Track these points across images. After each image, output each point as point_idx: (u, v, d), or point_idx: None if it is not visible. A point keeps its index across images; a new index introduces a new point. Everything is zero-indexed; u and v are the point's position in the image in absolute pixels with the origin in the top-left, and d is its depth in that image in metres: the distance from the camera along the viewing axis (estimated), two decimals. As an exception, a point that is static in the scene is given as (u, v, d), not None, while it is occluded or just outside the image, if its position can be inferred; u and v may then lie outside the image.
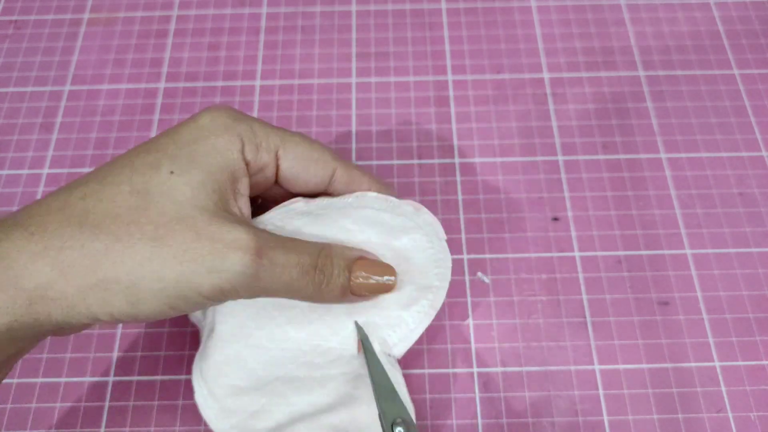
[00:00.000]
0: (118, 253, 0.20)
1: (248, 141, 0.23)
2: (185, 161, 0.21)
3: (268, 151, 0.23)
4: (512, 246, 0.33)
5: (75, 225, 0.20)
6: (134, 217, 0.20)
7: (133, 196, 0.21)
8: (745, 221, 0.34)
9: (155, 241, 0.20)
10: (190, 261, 0.20)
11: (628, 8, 0.41)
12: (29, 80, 0.39)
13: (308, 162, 0.24)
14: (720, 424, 0.29)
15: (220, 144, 0.22)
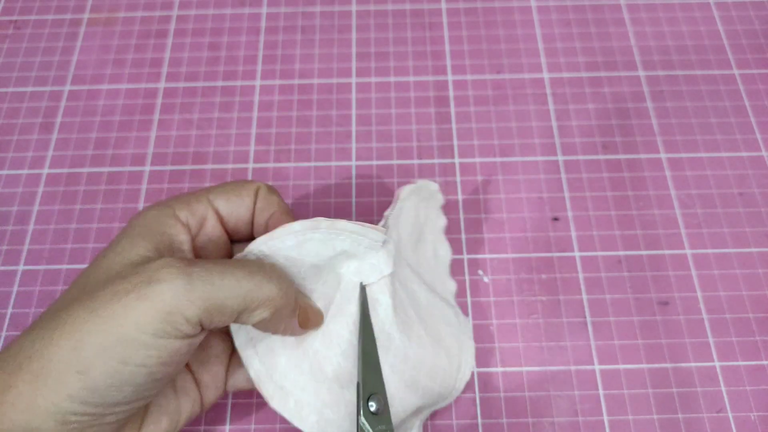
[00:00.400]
0: (58, 331, 0.19)
1: (178, 204, 0.24)
2: (114, 243, 0.22)
3: (199, 202, 0.24)
4: (512, 246, 0.33)
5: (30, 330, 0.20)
6: (74, 295, 0.21)
7: (79, 278, 0.22)
8: (745, 221, 0.34)
9: (89, 304, 0.20)
10: (117, 304, 0.19)
11: (628, 8, 0.41)
12: (29, 80, 0.39)
13: (235, 194, 0.25)
14: (720, 424, 0.29)
15: (150, 213, 0.23)
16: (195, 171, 0.36)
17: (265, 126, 0.37)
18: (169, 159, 0.36)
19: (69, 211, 0.35)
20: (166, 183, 0.35)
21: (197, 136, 0.37)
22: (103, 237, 0.34)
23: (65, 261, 0.33)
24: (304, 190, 0.35)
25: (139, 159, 0.36)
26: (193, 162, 0.36)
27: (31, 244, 0.34)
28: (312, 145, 0.37)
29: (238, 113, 0.38)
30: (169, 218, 0.23)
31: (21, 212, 0.35)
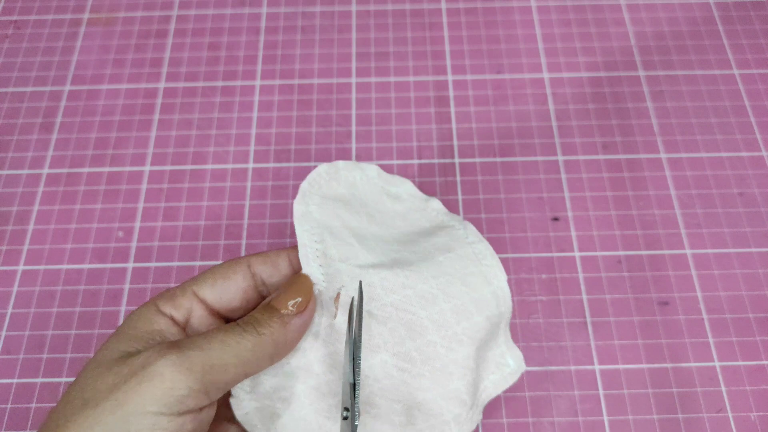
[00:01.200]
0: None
1: (162, 299, 0.24)
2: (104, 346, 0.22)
3: (183, 295, 0.24)
4: (512, 246, 0.33)
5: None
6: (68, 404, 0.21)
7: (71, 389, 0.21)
8: (745, 221, 0.34)
9: (87, 403, 0.20)
10: (117, 392, 0.20)
11: (628, 8, 0.41)
12: (29, 80, 0.39)
13: (222, 277, 0.25)
14: (720, 424, 0.29)
15: (136, 312, 0.23)
16: (195, 171, 0.36)
17: (265, 126, 0.37)
18: (169, 159, 0.36)
19: (69, 211, 0.35)
20: (166, 183, 0.35)
21: (197, 136, 0.37)
22: (103, 237, 0.34)
23: (65, 261, 0.33)
24: (304, 190, 0.35)
25: (139, 159, 0.36)
26: (193, 162, 0.36)
27: (31, 244, 0.34)
28: (312, 145, 0.37)
29: (238, 113, 0.38)
30: (153, 315, 0.23)
31: (21, 212, 0.35)
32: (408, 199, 0.29)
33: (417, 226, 0.28)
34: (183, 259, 0.33)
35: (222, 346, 0.21)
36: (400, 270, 0.25)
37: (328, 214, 0.26)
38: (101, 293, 0.32)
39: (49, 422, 0.21)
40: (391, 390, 0.24)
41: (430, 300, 0.25)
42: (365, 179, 0.28)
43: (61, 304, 0.32)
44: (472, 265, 0.26)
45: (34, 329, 0.32)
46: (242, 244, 0.34)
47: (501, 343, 0.26)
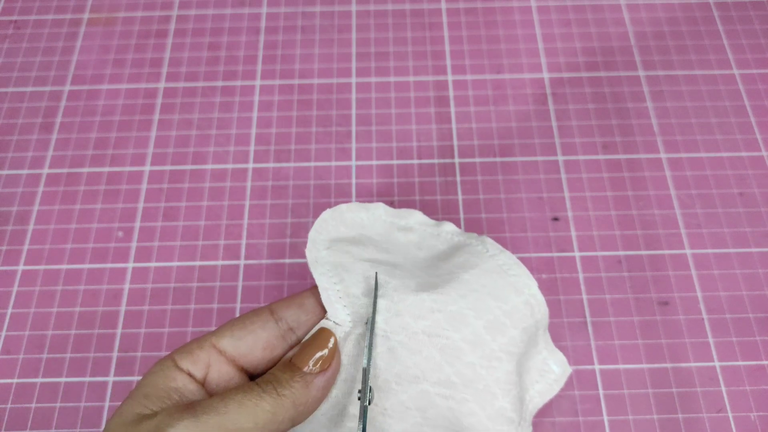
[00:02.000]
0: None
1: (179, 354, 0.23)
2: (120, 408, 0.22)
3: (202, 349, 0.23)
4: (512, 246, 0.33)
5: None
6: None
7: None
8: (745, 221, 0.34)
9: None
10: None
11: (628, 8, 0.41)
12: (29, 80, 0.39)
13: (241, 328, 0.24)
14: (720, 424, 0.29)
15: (153, 369, 0.23)
16: (195, 171, 0.36)
17: (265, 126, 0.37)
18: (169, 159, 0.36)
19: (69, 211, 0.35)
20: (166, 183, 0.35)
21: (197, 136, 0.37)
22: (103, 237, 0.34)
23: (65, 261, 0.33)
24: (304, 190, 0.35)
25: (139, 159, 0.36)
26: (193, 162, 0.36)
27: (31, 244, 0.34)
28: (312, 145, 0.37)
29: (238, 113, 0.38)
30: (171, 371, 0.22)
31: (21, 212, 0.35)
32: (419, 228, 0.28)
33: (434, 250, 0.27)
34: (183, 260, 0.33)
35: (239, 409, 0.20)
36: (426, 294, 0.24)
37: (340, 254, 0.26)
38: (101, 293, 0.32)
39: None
40: (438, 419, 0.24)
41: (462, 320, 0.24)
42: (372, 218, 0.28)
43: (61, 304, 0.32)
44: (500, 278, 0.25)
45: (34, 329, 0.32)
46: (242, 244, 0.34)
47: (542, 349, 0.26)
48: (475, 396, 0.23)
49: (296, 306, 0.24)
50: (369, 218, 0.28)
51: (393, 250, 0.27)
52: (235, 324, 0.24)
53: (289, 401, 0.21)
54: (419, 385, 0.23)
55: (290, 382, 0.22)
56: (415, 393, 0.23)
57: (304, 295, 0.25)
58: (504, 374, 0.24)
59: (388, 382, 0.24)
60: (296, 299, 0.25)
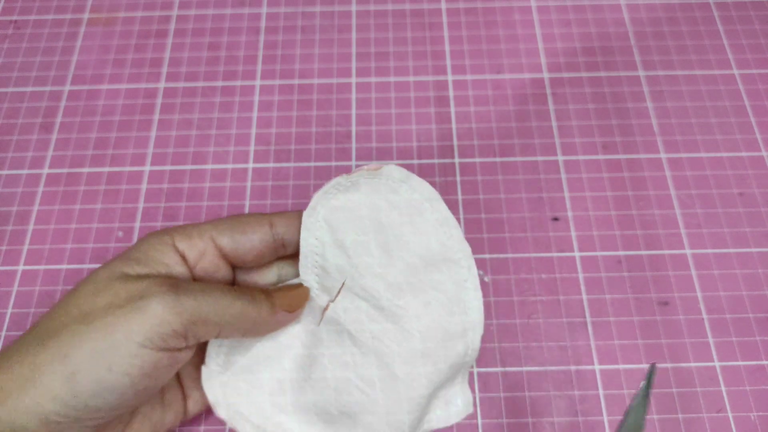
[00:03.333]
0: (50, 340, 0.21)
1: (178, 235, 0.25)
2: (110, 263, 0.24)
3: (201, 238, 0.25)
4: (512, 246, 0.33)
5: (21, 340, 0.22)
6: (65, 309, 0.22)
7: (68, 297, 0.23)
8: (745, 221, 0.34)
9: (81, 317, 0.22)
10: (111, 315, 0.21)
11: (628, 8, 0.41)
12: (29, 80, 0.39)
13: (242, 232, 0.26)
14: (720, 424, 0.29)
15: (150, 240, 0.24)
16: (195, 171, 0.36)
17: (265, 126, 0.37)
18: (169, 159, 0.36)
19: (69, 211, 0.35)
20: (166, 183, 0.35)
21: (197, 136, 0.37)
22: (103, 237, 0.34)
23: (65, 261, 0.33)
24: (304, 190, 0.35)
25: (139, 159, 0.36)
26: (193, 162, 0.36)
27: (31, 244, 0.34)
28: (312, 145, 0.37)
29: (238, 113, 0.38)
30: (167, 247, 0.24)
31: (21, 212, 0.35)
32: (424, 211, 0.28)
33: (426, 244, 0.28)
34: (183, 259, 0.33)
35: (213, 304, 0.23)
36: (387, 302, 0.27)
37: (334, 229, 0.27)
38: (101, 293, 0.32)
39: (45, 323, 0.22)
40: (347, 405, 0.26)
41: (407, 338, 0.26)
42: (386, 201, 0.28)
43: (61, 304, 0.32)
44: (457, 316, 0.27)
45: (34, 329, 0.32)
46: (242, 244, 0.34)
47: (456, 383, 0.27)
48: (386, 402, 0.26)
49: (294, 224, 0.27)
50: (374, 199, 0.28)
51: (389, 233, 0.28)
52: (236, 227, 0.26)
53: (253, 317, 0.24)
54: (346, 372, 0.26)
55: (261, 305, 0.24)
56: (341, 376, 0.26)
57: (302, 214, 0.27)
58: (418, 396, 0.26)
59: (322, 356, 0.27)
60: (295, 217, 0.27)
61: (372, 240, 0.27)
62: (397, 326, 0.27)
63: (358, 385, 0.26)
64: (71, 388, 0.21)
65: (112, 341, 0.21)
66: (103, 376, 0.21)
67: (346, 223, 0.27)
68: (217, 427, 0.29)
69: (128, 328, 0.21)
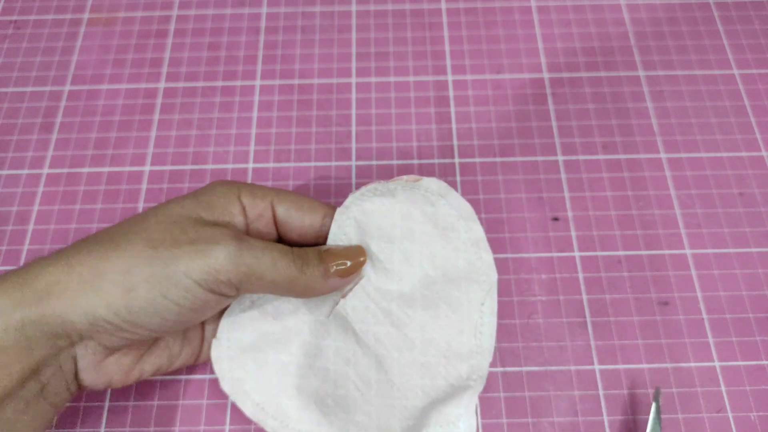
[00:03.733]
0: (114, 252, 0.23)
1: (245, 190, 0.27)
2: (179, 200, 0.26)
3: (263, 200, 0.27)
4: (512, 246, 0.33)
5: (83, 242, 0.24)
6: (132, 228, 0.24)
7: (136, 218, 0.25)
8: (745, 221, 0.34)
9: (148, 240, 0.23)
10: (177, 249, 0.23)
11: (628, 8, 0.41)
12: (29, 80, 0.39)
13: (300, 209, 0.27)
14: (720, 424, 0.29)
15: (219, 188, 0.26)
16: (195, 171, 0.36)
17: (265, 126, 0.37)
18: (169, 159, 0.36)
19: (69, 211, 0.35)
20: (166, 183, 0.35)
21: (197, 136, 0.37)
22: (103, 237, 0.34)
23: (65, 261, 0.33)
24: (304, 190, 0.35)
25: (139, 159, 0.36)
26: (193, 162, 0.36)
27: (31, 244, 0.34)
28: (312, 145, 0.37)
29: (238, 113, 0.38)
30: (233, 198, 0.26)
31: (21, 212, 0.35)
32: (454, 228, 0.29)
33: (454, 261, 0.28)
34: (183, 259, 0.33)
35: (271, 264, 0.24)
36: (397, 310, 0.27)
37: (362, 230, 0.28)
38: (101, 293, 0.32)
39: (110, 235, 0.24)
40: (342, 399, 0.27)
41: (408, 347, 0.27)
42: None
43: (61, 304, 0.32)
44: (466, 336, 0.27)
45: (34, 329, 0.32)
46: (242, 244, 0.34)
47: (462, 406, 0.27)
48: (379, 405, 0.26)
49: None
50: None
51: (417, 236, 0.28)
52: (296, 202, 0.27)
53: (305, 281, 0.25)
54: (347, 368, 0.27)
55: (316, 269, 0.25)
56: (341, 371, 0.27)
57: None
58: (411, 407, 0.26)
59: (328, 347, 0.27)
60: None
61: (397, 247, 0.27)
62: (400, 333, 0.27)
63: (356, 383, 0.27)
64: (126, 302, 0.22)
65: (172, 272, 0.22)
66: (156, 299, 0.23)
67: (375, 226, 0.27)
68: (217, 427, 0.29)
69: (189, 265, 0.23)
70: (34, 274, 0.23)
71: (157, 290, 0.23)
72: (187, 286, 0.23)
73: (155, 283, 0.22)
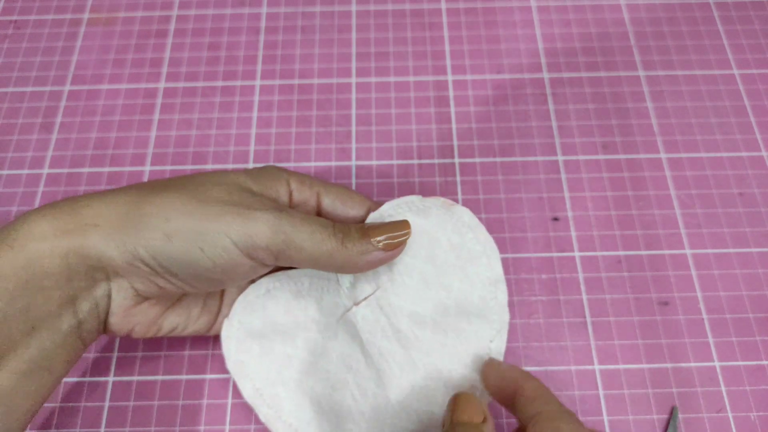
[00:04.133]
0: (159, 197, 0.24)
1: (294, 176, 0.28)
2: (228, 171, 0.27)
3: (311, 189, 0.28)
4: (512, 246, 0.33)
5: (135, 185, 0.25)
6: (183, 182, 0.25)
7: (190, 176, 0.26)
8: (745, 221, 0.34)
9: (194, 194, 0.24)
10: (220, 208, 0.24)
11: (627, 8, 0.41)
12: (29, 80, 0.39)
13: (345, 202, 0.28)
14: (720, 424, 0.29)
15: (271, 169, 0.27)
16: (195, 171, 0.36)
17: (265, 126, 0.37)
18: (169, 159, 0.36)
19: (69, 211, 0.35)
20: (166, 183, 0.35)
21: (197, 136, 0.37)
22: (103, 237, 0.34)
23: (65, 261, 0.33)
24: (304, 190, 0.35)
25: (139, 159, 0.36)
26: (193, 162, 0.36)
27: (31, 244, 0.34)
28: (312, 145, 0.37)
29: (238, 113, 0.38)
30: (283, 181, 0.27)
31: (21, 212, 0.35)
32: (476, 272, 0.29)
33: (468, 296, 0.28)
34: (183, 259, 0.33)
35: (310, 235, 0.24)
36: (407, 330, 0.27)
37: None
38: (101, 293, 0.32)
39: (159, 182, 0.25)
40: (337, 404, 0.27)
41: (412, 368, 0.27)
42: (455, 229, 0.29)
43: (61, 304, 0.32)
44: (468, 370, 0.27)
45: (34, 329, 0.32)
46: (242, 244, 0.34)
47: None
48: (370, 419, 0.26)
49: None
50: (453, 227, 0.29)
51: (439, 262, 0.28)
52: (341, 195, 0.28)
53: (345, 255, 0.25)
54: (347, 375, 0.27)
55: (356, 243, 0.25)
56: (341, 376, 0.27)
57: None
58: (402, 430, 0.26)
59: (333, 349, 0.27)
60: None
61: (418, 267, 0.28)
62: (405, 353, 0.27)
63: (353, 391, 0.27)
64: (165, 246, 0.23)
65: (212, 228, 0.23)
66: (193, 251, 0.23)
67: None
68: (217, 427, 0.29)
69: (229, 225, 0.23)
70: (83, 205, 0.23)
71: (195, 243, 0.23)
72: (224, 244, 0.23)
73: (194, 236, 0.23)
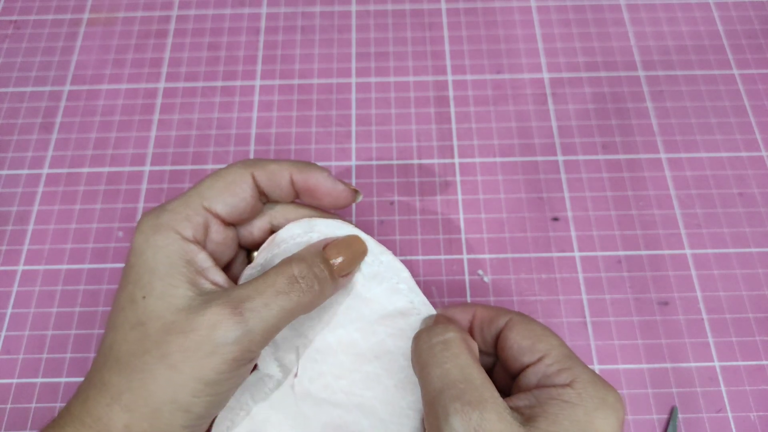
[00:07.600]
0: (138, 382, 0.21)
1: (179, 223, 0.24)
2: (147, 285, 0.23)
3: (197, 213, 0.24)
4: (512, 246, 0.33)
5: (104, 368, 0.22)
6: (140, 343, 0.22)
7: (134, 330, 0.22)
8: (745, 221, 0.34)
9: (160, 356, 0.21)
10: (194, 357, 0.21)
11: (628, 8, 0.41)
12: (29, 80, 0.39)
13: (229, 192, 0.25)
14: (720, 424, 0.29)
15: (163, 246, 0.23)
16: (195, 171, 0.36)
17: (265, 126, 0.37)
18: (169, 159, 0.36)
19: (69, 211, 0.35)
20: (166, 183, 0.35)
21: (197, 136, 0.37)
22: (103, 237, 0.34)
23: (65, 261, 0.33)
24: (304, 190, 0.35)
25: (139, 159, 0.36)
26: (193, 162, 0.36)
27: (31, 244, 0.34)
28: (312, 145, 0.37)
29: (238, 113, 0.38)
30: (181, 243, 0.23)
31: (21, 212, 0.35)
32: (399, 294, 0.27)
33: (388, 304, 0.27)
34: (183, 259, 0.33)
35: (280, 311, 0.22)
36: (344, 356, 0.26)
37: None
38: (101, 293, 0.32)
39: (129, 348, 0.22)
40: None
41: (375, 380, 0.26)
42: None
43: (61, 304, 0.32)
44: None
45: (34, 329, 0.32)
46: (242, 244, 0.34)
47: None
48: None
49: (275, 182, 0.26)
50: None
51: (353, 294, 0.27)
52: (222, 188, 0.25)
53: (322, 294, 0.23)
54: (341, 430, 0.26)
55: (327, 280, 0.24)
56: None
57: (282, 170, 0.26)
58: (411, 430, 0.26)
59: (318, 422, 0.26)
60: (275, 173, 0.26)
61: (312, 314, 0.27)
62: (361, 374, 0.26)
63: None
64: (152, 423, 0.21)
65: (177, 377, 0.21)
66: (178, 414, 0.21)
67: None
68: (217, 427, 0.29)
69: (197, 370, 0.21)
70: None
71: (179, 408, 0.21)
72: (198, 390, 0.21)
73: (179, 401, 0.21)
